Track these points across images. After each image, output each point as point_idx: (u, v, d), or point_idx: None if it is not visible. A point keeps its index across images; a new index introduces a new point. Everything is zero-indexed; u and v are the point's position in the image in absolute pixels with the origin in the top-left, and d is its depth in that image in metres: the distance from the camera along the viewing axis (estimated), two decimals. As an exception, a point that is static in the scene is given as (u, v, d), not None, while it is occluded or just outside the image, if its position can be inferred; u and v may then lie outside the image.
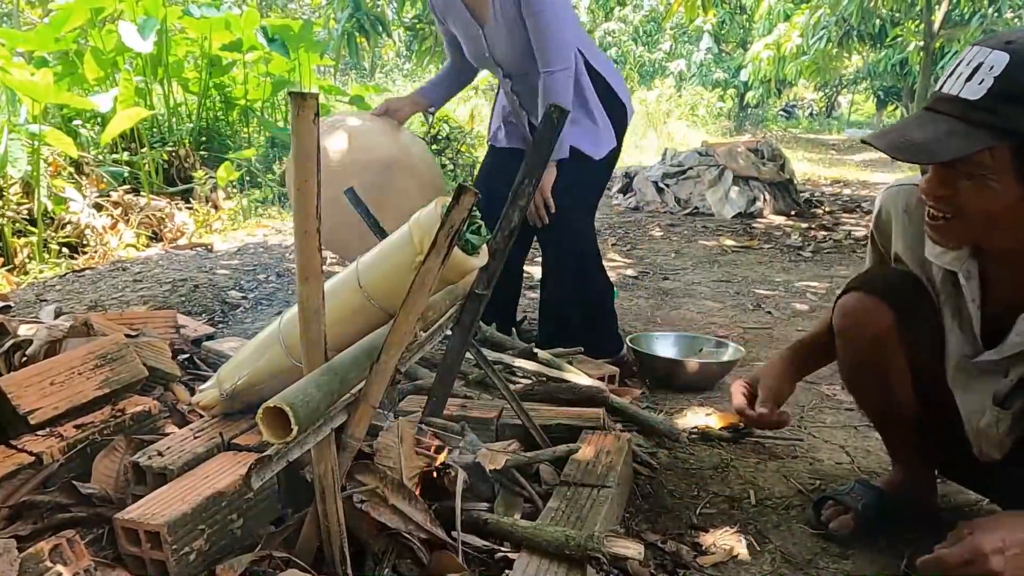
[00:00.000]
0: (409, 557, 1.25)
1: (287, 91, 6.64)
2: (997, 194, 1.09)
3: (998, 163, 1.07)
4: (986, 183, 1.08)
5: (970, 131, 1.06)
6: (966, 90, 1.07)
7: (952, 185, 1.12)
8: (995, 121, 1.05)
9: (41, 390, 1.50)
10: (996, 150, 1.06)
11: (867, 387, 1.49)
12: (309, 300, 1.07)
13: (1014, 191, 1.08)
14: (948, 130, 1.08)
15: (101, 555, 1.18)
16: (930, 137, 1.09)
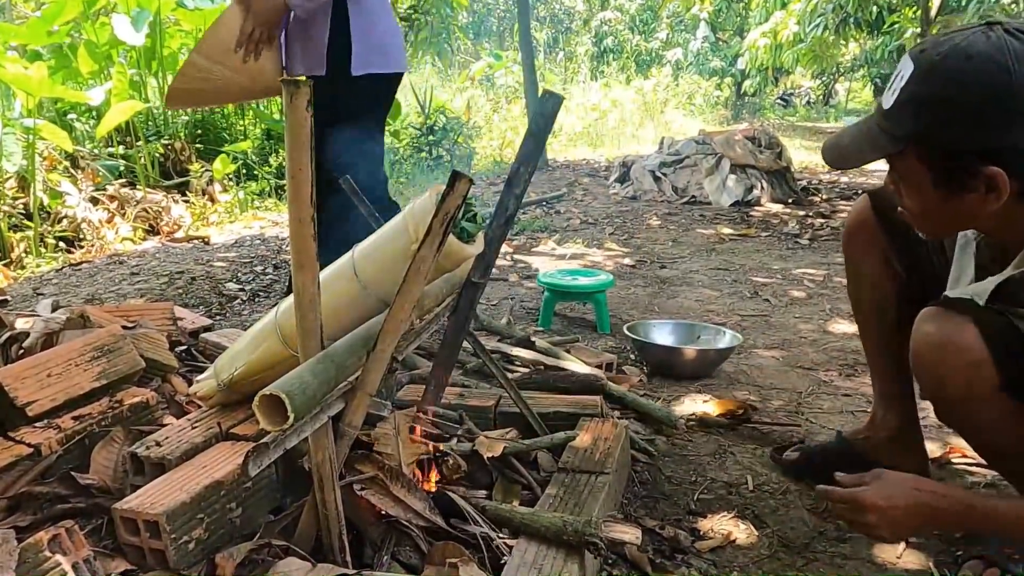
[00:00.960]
0: (408, 545, 1.25)
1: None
2: (924, 194, 1.13)
3: (910, 167, 1.12)
4: (914, 184, 1.14)
5: (880, 137, 1.12)
6: (886, 99, 1.12)
7: (896, 184, 1.19)
8: (893, 128, 1.10)
9: (38, 382, 1.50)
10: (905, 155, 1.11)
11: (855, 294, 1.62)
12: (305, 288, 1.07)
13: (933, 193, 1.12)
14: (866, 137, 1.15)
15: (100, 545, 1.18)
16: (849, 143, 1.17)
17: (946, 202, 1.12)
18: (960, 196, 1.10)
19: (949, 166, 1.09)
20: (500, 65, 11.44)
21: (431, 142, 7.06)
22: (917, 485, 1.19)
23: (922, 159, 1.10)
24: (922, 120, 1.08)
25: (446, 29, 6.78)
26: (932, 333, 1.13)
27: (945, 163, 1.09)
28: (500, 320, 2.71)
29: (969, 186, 1.08)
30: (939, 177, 1.10)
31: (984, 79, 1.02)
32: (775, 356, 2.50)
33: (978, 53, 1.03)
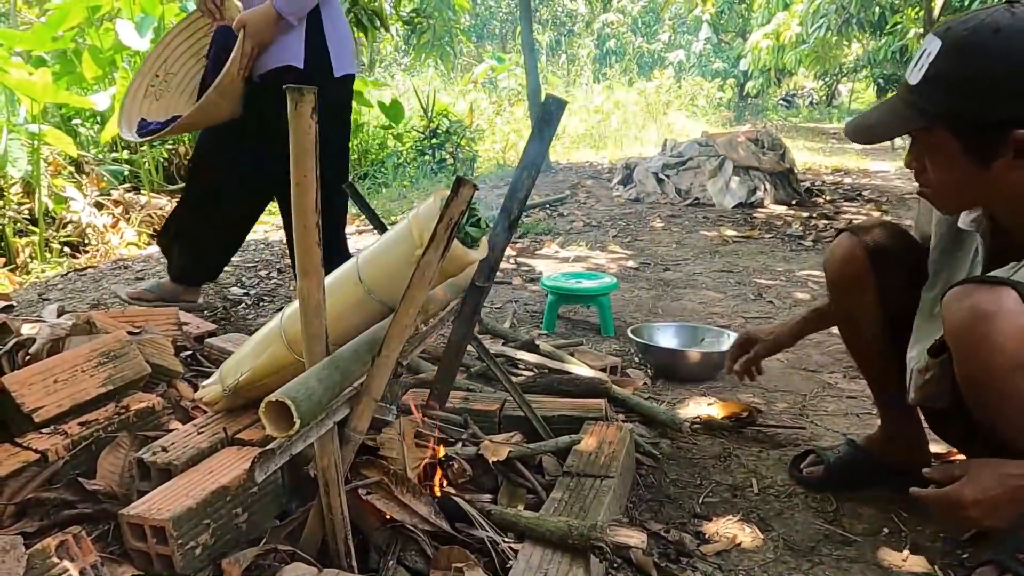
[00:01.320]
0: (414, 549, 1.25)
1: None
2: (953, 167, 1.18)
3: (941, 140, 1.16)
4: (939, 158, 1.19)
5: (907, 113, 1.17)
6: (912, 75, 1.17)
7: (920, 160, 1.23)
8: (924, 104, 1.15)
9: (45, 388, 1.50)
10: (936, 128, 1.16)
11: (847, 322, 1.59)
12: (310, 295, 1.07)
13: (964, 164, 1.16)
14: (892, 112, 1.20)
15: (107, 551, 1.19)
16: (876, 120, 1.22)
17: (976, 171, 1.16)
18: (990, 164, 1.14)
19: (980, 136, 1.13)
20: (503, 68, 11.45)
21: (434, 145, 7.07)
22: (1007, 470, 1.17)
23: (953, 131, 1.14)
24: (954, 94, 1.12)
25: (449, 32, 6.79)
26: (976, 305, 1.12)
27: (976, 133, 1.13)
28: (504, 323, 2.71)
29: (1000, 153, 1.13)
30: (970, 147, 1.14)
31: (1012, 51, 1.07)
32: (779, 358, 2.49)
33: (1006, 26, 1.08)
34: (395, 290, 1.20)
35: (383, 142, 7.71)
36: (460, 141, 7.23)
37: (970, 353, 1.16)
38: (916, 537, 1.45)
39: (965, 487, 1.18)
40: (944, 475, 1.23)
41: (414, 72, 12.44)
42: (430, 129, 7.14)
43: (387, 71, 14.70)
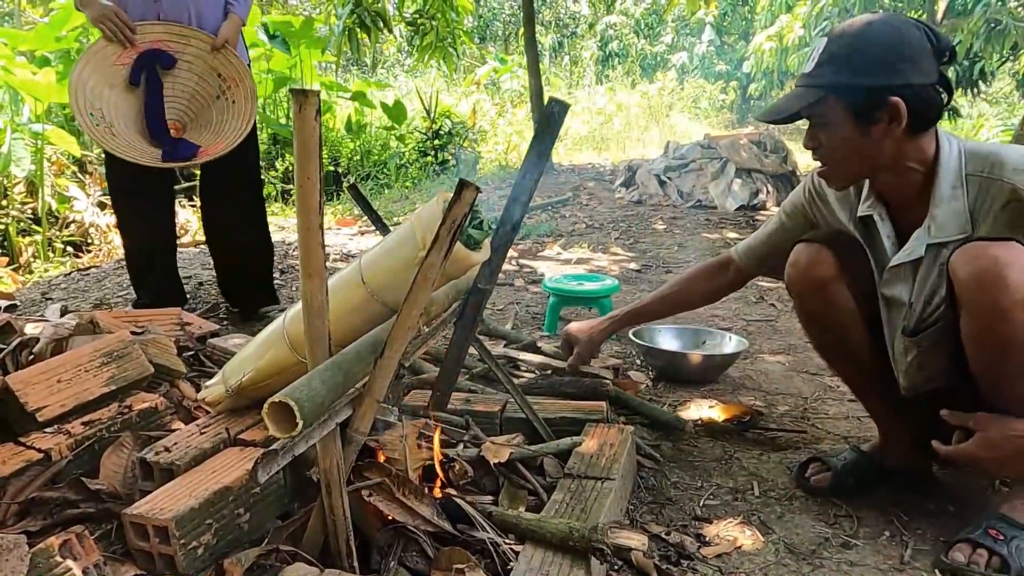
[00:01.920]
0: (415, 550, 1.26)
1: (288, 88, 6.64)
2: (841, 134, 1.40)
3: (832, 111, 1.39)
4: (831, 128, 1.41)
5: (805, 92, 1.41)
6: (806, 67, 1.43)
7: (815, 137, 1.44)
8: (817, 81, 1.39)
9: (48, 388, 1.51)
10: (827, 101, 1.38)
11: (824, 336, 1.62)
12: (313, 296, 1.08)
13: (852, 129, 1.38)
14: (793, 96, 1.43)
15: (110, 550, 1.19)
16: (782, 103, 1.45)
17: (860, 137, 1.38)
18: (870, 129, 1.37)
19: (862, 101, 1.36)
20: (505, 69, 11.47)
21: (437, 146, 7.08)
22: (1012, 431, 1.32)
23: (841, 99, 1.37)
24: (839, 68, 1.37)
25: (451, 34, 6.79)
26: (994, 256, 1.25)
27: (859, 99, 1.36)
28: (506, 325, 2.72)
29: (877, 117, 1.35)
30: (855, 112, 1.37)
31: (881, 35, 1.35)
32: (781, 361, 2.50)
33: (875, 20, 1.39)
34: (398, 292, 1.21)
35: (385, 143, 7.72)
36: (462, 142, 7.24)
37: (984, 296, 1.26)
38: (916, 541, 1.46)
39: (976, 445, 1.34)
40: (959, 420, 1.37)
41: (417, 73, 12.45)
42: (433, 130, 7.15)
43: (390, 72, 14.72)
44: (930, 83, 1.34)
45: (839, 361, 1.65)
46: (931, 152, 1.39)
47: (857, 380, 1.66)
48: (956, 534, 1.40)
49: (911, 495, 1.60)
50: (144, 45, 2.49)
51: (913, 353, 1.45)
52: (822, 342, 1.63)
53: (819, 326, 1.59)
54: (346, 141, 7.46)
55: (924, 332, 1.42)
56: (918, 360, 1.45)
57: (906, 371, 1.48)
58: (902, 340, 1.47)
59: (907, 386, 1.50)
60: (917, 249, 1.41)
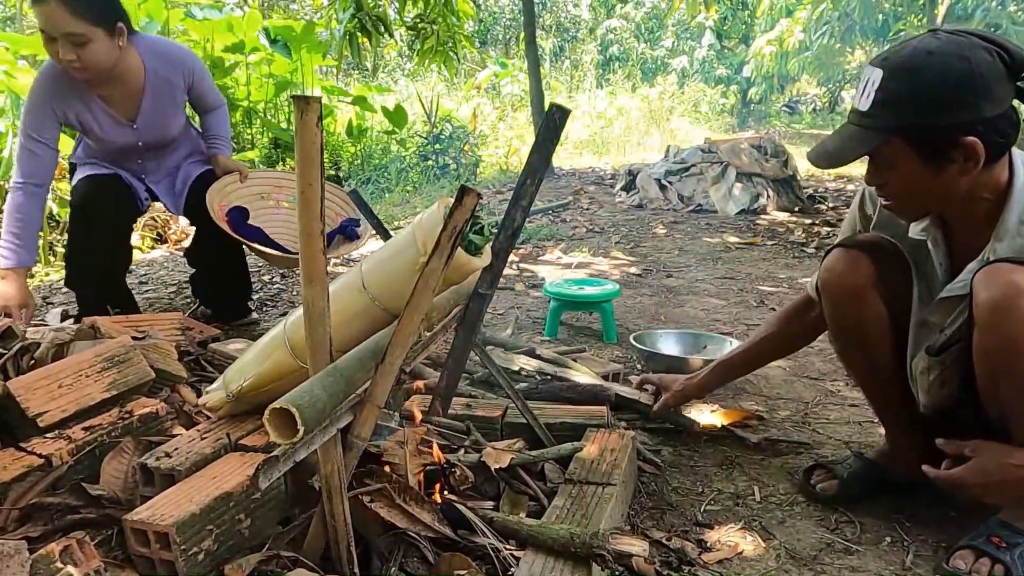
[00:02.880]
0: (416, 556, 1.26)
1: (290, 93, 6.65)
2: (911, 176, 1.30)
3: (897, 152, 1.29)
4: (899, 169, 1.31)
5: (864, 134, 1.31)
6: (861, 103, 1.31)
7: (880, 176, 1.36)
8: (879, 123, 1.29)
9: (49, 393, 1.51)
10: (891, 143, 1.28)
11: (851, 343, 1.57)
12: (314, 302, 1.08)
13: (922, 171, 1.29)
14: (850, 137, 1.33)
15: (111, 556, 1.19)
16: (838, 145, 1.34)
17: (934, 177, 1.29)
18: (945, 169, 1.27)
19: (931, 144, 1.26)
20: (506, 74, 11.48)
21: (437, 150, 7.09)
22: (1009, 460, 1.30)
23: (908, 143, 1.27)
24: (902, 110, 1.26)
25: (452, 38, 6.80)
26: (1010, 280, 1.22)
27: (927, 141, 1.26)
28: (506, 330, 2.72)
29: (951, 157, 1.26)
30: (924, 155, 1.27)
31: (947, 67, 1.22)
32: (781, 366, 2.49)
33: (936, 49, 1.24)
34: (399, 298, 1.21)
35: (386, 147, 7.73)
36: (463, 147, 7.24)
37: (998, 322, 1.23)
38: (918, 547, 1.45)
39: (968, 470, 1.32)
40: (955, 449, 1.36)
41: (418, 77, 12.46)
42: (433, 134, 7.16)
43: (391, 76, 14.74)
44: (1005, 110, 1.24)
45: (860, 370, 1.61)
46: (1004, 179, 1.30)
47: (875, 390, 1.62)
48: (958, 540, 1.40)
49: (913, 501, 1.59)
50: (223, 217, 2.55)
51: (936, 372, 1.42)
52: (846, 349, 1.59)
53: (846, 334, 1.55)
54: (347, 145, 7.47)
55: (948, 351, 1.39)
56: (940, 378, 1.42)
57: (928, 390, 1.45)
58: (925, 359, 1.43)
59: (928, 404, 1.47)
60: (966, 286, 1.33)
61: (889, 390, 1.58)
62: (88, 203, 2.43)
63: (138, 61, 2.40)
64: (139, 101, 2.44)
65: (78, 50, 2.16)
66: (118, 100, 2.42)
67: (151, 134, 2.52)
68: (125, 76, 2.37)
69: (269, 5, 11.26)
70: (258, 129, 6.54)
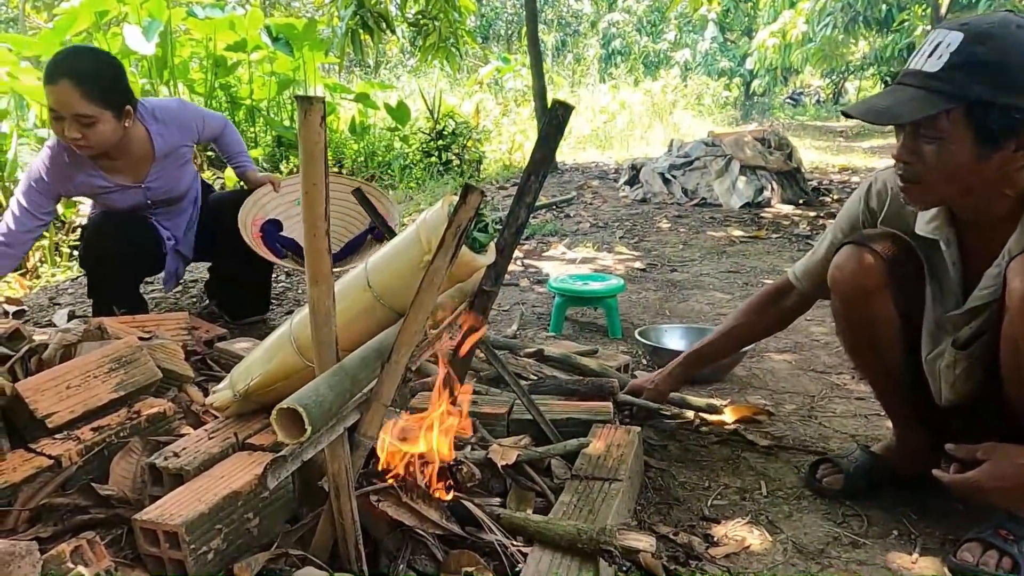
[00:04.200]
0: (424, 553, 1.26)
1: (293, 93, 6.65)
2: (955, 155, 1.23)
3: (954, 126, 1.21)
4: (945, 145, 1.23)
5: (929, 97, 1.22)
6: (927, 64, 1.23)
7: (917, 150, 1.27)
8: (950, 88, 1.20)
9: (58, 394, 1.52)
10: (952, 114, 1.21)
11: (860, 341, 1.56)
12: (320, 302, 1.08)
13: (970, 151, 1.22)
14: (910, 97, 1.24)
15: (121, 556, 1.20)
16: (893, 103, 1.26)
17: (976, 161, 1.22)
18: (990, 156, 1.21)
19: (993, 123, 1.19)
20: (508, 69, 11.45)
21: (440, 147, 7.08)
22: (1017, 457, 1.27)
23: (970, 117, 1.20)
24: (980, 81, 1.18)
25: (454, 34, 6.78)
26: None
27: (991, 119, 1.19)
28: (511, 326, 2.72)
29: (1003, 144, 1.20)
30: (981, 135, 1.20)
31: None
32: (787, 360, 2.49)
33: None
34: (404, 296, 1.21)
35: (389, 144, 7.73)
36: (466, 142, 7.22)
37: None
38: (925, 540, 1.45)
39: (983, 474, 1.28)
40: (967, 453, 1.32)
41: (420, 74, 12.45)
42: (436, 131, 7.15)
43: (392, 73, 14.73)
44: None
45: (870, 367, 1.60)
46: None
47: (883, 386, 1.62)
48: (965, 534, 1.40)
49: (920, 495, 1.59)
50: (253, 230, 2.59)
51: (963, 365, 1.40)
52: (855, 347, 1.58)
53: (856, 332, 1.54)
54: (350, 143, 7.46)
55: (975, 343, 1.37)
56: (967, 371, 1.40)
57: (953, 384, 1.42)
58: (951, 353, 1.40)
59: (952, 398, 1.44)
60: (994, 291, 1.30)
61: (898, 387, 1.57)
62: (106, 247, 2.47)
63: (143, 132, 2.43)
64: (148, 167, 2.48)
65: (84, 130, 2.20)
66: (124, 168, 2.45)
67: (160, 193, 2.56)
68: (130, 147, 2.41)
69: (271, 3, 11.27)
70: (261, 127, 6.54)
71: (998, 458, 1.28)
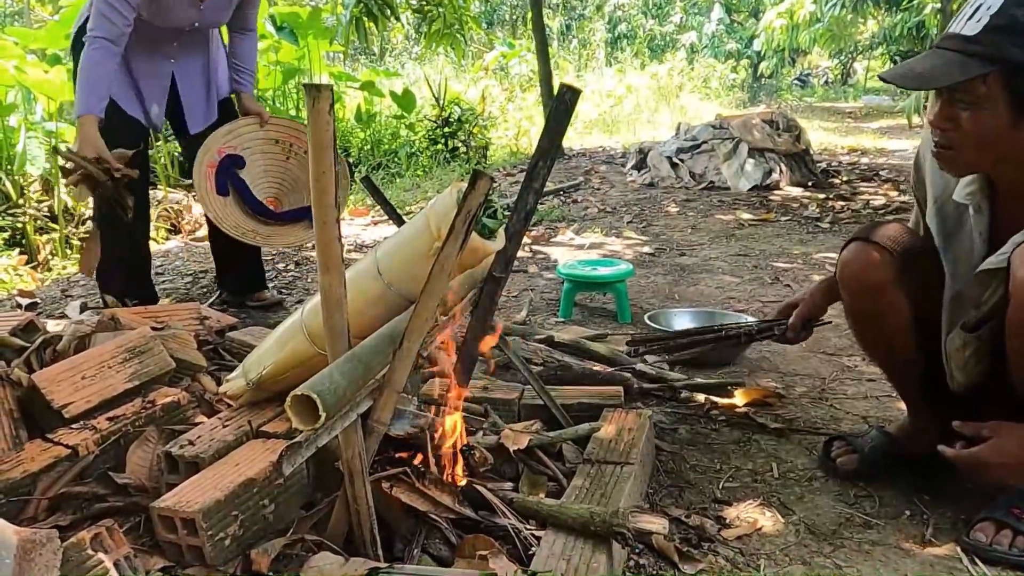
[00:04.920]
0: (438, 537, 1.27)
1: (301, 83, 6.63)
2: (991, 121, 1.21)
3: (991, 90, 1.20)
4: (981, 110, 1.22)
5: (966, 61, 1.20)
6: (966, 28, 1.21)
7: (952, 116, 1.25)
8: (987, 51, 1.18)
9: (73, 384, 1.54)
10: (990, 78, 1.19)
11: (868, 334, 1.57)
12: (331, 290, 1.09)
13: (1006, 116, 1.20)
14: (947, 61, 1.22)
15: (139, 543, 1.21)
16: (930, 68, 1.24)
17: (1013, 127, 1.21)
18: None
19: None
20: (514, 54, 11.40)
21: (446, 134, 7.06)
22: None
23: (1008, 81, 1.18)
24: (1018, 43, 1.15)
25: (459, 20, 6.76)
26: None
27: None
28: (520, 312, 2.72)
29: None
30: (1016, 100, 1.19)
31: None
32: (798, 342, 2.49)
33: None
34: (414, 283, 1.21)
35: (396, 132, 7.72)
36: (472, 129, 7.20)
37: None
38: (938, 520, 1.45)
39: (989, 450, 1.29)
40: (973, 430, 1.32)
41: (425, 61, 12.41)
42: (442, 118, 7.13)
43: (398, 60, 14.68)
44: None
45: (881, 356, 1.60)
46: None
47: (895, 372, 1.62)
48: (978, 513, 1.40)
49: (932, 475, 1.59)
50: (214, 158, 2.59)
51: (972, 347, 1.38)
52: (866, 339, 1.58)
53: (866, 325, 1.54)
54: (356, 131, 7.46)
55: (984, 327, 1.36)
56: (976, 354, 1.39)
57: (964, 367, 1.41)
58: (961, 336, 1.39)
59: (964, 382, 1.43)
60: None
61: (910, 372, 1.57)
62: None
63: None
64: None
65: None
66: None
67: (211, 17, 2.56)
68: None
69: (274, -8, 11.20)
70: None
71: (1003, 435, 1.29)
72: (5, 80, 4.19)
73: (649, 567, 1.32)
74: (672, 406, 1.98)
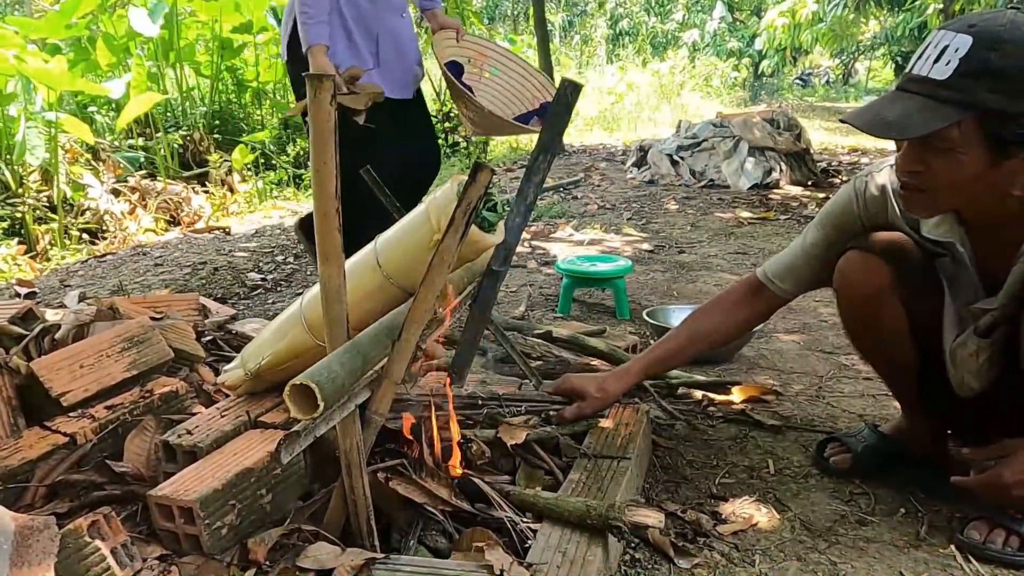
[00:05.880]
0: (435, 529, 1.28)
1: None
2: (965, 165, 1.17)
3: (965, 136, 1.15)
4: (955, 156, 1.17)
5: (938, 107, 1.15)
6: (934, 71, 1.16)
7: (923, 160, 1.21)
8: (960, 97, 1.13)
9: (72, 373, 1.54)
10: (963, 124, 1.14)
11: (865, 341, 1.56)
12: (331, 281, 1.09)
13: (981, 160, 1.16)
14: (918, 107, 1.17)
15: (136, 531, 1.22)
16: (901, 115, 1.18)
17: (986, 168, 1.16)
18: (1001, 164, 1.15)
19: (1008, 134, 1.13)
20: (515, 50, 11.38)
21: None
22: None
23: (984, 127, 1.14)
24: (996, 87, 1.11)
25: (460, 14, 6.75)
26: None
27: (1009, 131, 1.13)
28: (519, 308, 2.73)
29: (1013, 153, 1.14)
30: (995, 144, 1.14)
31: None
32: (795, 340, 2.49)
33: None
34: (413, 275, 1.22)
35: (396, 126, 7.70)
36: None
37: None
38: (932, 518, 1.46)
39: (1005, 469, 1.27)
40: (983, 455, 1.32)
41: (426, 55, 12.39)
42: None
43: (399, 54, 14.63)
44: None
45: (880, 365, 1.60)
46: None
47: (891, 377, 1.61)
48: (972, 512, 1.40)
49: (927, 473, 1.60)
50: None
51: (986, 353, 1.35)
52: (863, 346, 1.57)
53: (864, 333, 1.53)
54: (357, 124, 7.44)
55: (996, 331, 1.32)
56: (990, 359, 1.36)
57: (978, 372, 1.37)
58: (975, 341, 1.34)
59: (976, 386, 1.39)
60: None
61: (906, 376, 1.55)
62: None
63: None
64: None
65: None
66: None
67: None
68: None
69: (276, -16, 11.17)
70: (268, 110, 6.54)
71: (1016, 452, 1.28)
72: (5, 69, 4.18)
73: (644, 561, 1.33)
74: (669, 402, 1.98)
